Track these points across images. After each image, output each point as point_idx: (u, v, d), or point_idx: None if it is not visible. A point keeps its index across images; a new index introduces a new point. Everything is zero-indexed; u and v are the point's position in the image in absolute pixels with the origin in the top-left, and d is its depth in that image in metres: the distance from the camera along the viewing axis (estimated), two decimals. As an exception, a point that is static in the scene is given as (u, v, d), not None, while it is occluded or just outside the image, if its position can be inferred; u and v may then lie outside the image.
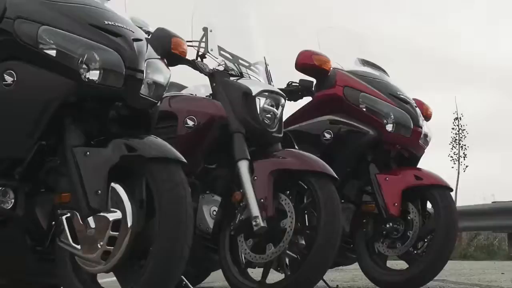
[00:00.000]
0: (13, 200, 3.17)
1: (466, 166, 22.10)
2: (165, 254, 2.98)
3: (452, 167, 21.98)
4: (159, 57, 3.40)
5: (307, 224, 4.23)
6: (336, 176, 4.20)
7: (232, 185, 4.29)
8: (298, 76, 5.41)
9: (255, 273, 4.41)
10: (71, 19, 3.18)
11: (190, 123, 4.29)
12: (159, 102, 3.36)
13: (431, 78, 34.08)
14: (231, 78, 4.46)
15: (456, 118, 22.37)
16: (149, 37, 4.08)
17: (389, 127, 5.21)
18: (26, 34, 3.14)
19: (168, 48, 4.09)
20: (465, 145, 22.38)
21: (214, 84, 4.43)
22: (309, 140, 5.17)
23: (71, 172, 3.09)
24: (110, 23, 3.23)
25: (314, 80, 5.40)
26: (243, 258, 4.27)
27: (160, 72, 3.33)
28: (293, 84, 5.40)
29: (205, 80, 4.56)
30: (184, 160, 3.12)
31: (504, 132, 31.55)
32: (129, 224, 3.03)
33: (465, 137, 22.43)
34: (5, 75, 3.15)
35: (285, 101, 4.50)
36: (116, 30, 3.22)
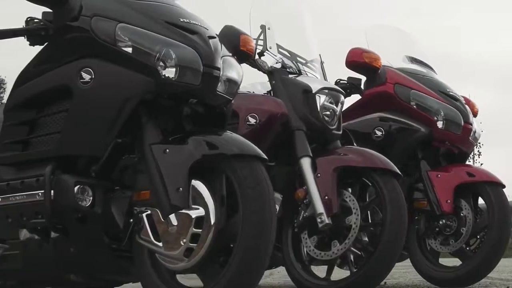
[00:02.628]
0: (91, 198, 3.16)
1: (481, 164, 22.07)
2: (249, 251, 2.95)
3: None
4: (231, 54, 3.41)
5: (369, 221, 4.23)
6: (400, 173, 4.20)
7: (294, 182, 4.29)
8: (346, 74, 5.42)
9: (315, 270, 4.42)
10: (147, 17, 3.18)
11: (252, 120, 4.30)
12: (233, 99, 3.36)
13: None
14: (290, 76, 4.46)
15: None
16: (217, 34, 4.09)
17: (440, 124, 5.23)
18: (103, 31, 3.14)
19: (236, 45, 4.10)
20: (479, 143, 22.36)
21: (274, 82, 4.43)
22: (360, 138, 5.17)
23: (150, 170, 3.08)
24: (185, 20, 3.23)
25: (362, 78, 5.41)
26: (306, 255, 4.27)
27: (234, 69, 3.33)
28: (341, 82, 5.40)
29: (259, 77, 4.57)
30: (265, 157, 3.11)
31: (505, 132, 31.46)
32: (212, 221, 3.01)
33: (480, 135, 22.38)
34: (82, 72, 3.14)
35: (344, 98, 4.50)
36: (192, 27, 3.22)
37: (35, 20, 3.36)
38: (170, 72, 3.10)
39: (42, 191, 3.15)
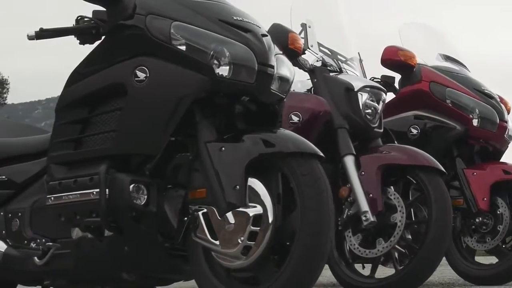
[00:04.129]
0: (146, 197, 3.15)
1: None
2: (308, 250, 2.93)
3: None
4: (281, 52, 3.40)
5: (413, 219, 4.23)
6: (444, 171, 4.20)
7: (337, 180, 4.29)
8: (379, 72, 5.42)
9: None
10: (201, 15, 3.17)
11: (295, 118, 4.30)
12: (286, 97, 3.36)
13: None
14: (331, 74, 4.46)
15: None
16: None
17: (475, 122, 5.24)
18: (158, 29, 3.13)
19: (285, 43, 4.10)
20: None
21: (315, 80, 4.43)
22: (396, 136, 5.16)
23: (206, 168, 3.07)
24: (238, 18, 3.22)
25: (396, 76, 5.41)
26: (350, 253, 4.27)
27: (286, 67, 3.33)
28: (375, 80, 5.40)
29: (298, 76, 4.56)
30: (322, 154, 3.11)
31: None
32: (270, 219, 3.00)
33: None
34: (137, 71, 3.13)
35: (385, 96, 4.51)
36: (245, 25, 3.21)
37: (85, 19, 3.37)
38: (225, 70, 3.09)
39: (97, 189, 3.14)
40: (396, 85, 5.44)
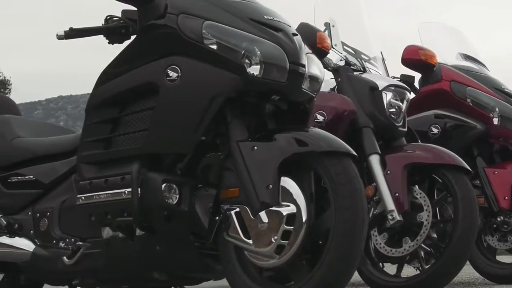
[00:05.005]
0: (178, 196, 3.15)
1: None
2: (342, 249, 2.93)
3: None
4: (311, 51, 3.40)
5: (438, 218, 4.23)
6: (470, 169, 4.21)
7: (362, 179, 4.28)
8: (398, 71, 5.42)
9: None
10: (232, 14, 3.17)
11: (320, 118, 4.30)
12: (316, 96, 3.36)
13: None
14: (354, 73, 4.47)
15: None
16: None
17: (496, 121, 5.25)
18: (190, 29, 3.13)
19: (313, 43, 4.10)
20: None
21: (339, 79, 4.44)
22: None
23: (238, 167, 3.06)
24: (269, 17, 3.22)
25: (415, 75, 5.42)
26: (376, 252, 4.26)
27: (317, 66, 3.33)
28: (394, 79, 5.40)
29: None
30: (355, 153, 3.11)
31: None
32: (304, 218, 3.00)
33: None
34: (169, 70, 3.13)
35: (409, 95, 4.51)
36: (276, 24, 3.21)
37: (115, 19, 3.37)
38: (256, 70, 3.09)
39: (129, 189, 3.14)
40: (416, 84, 5.44)
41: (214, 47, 3.11)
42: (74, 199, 3.41)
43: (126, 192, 3.16)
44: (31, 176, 3.75)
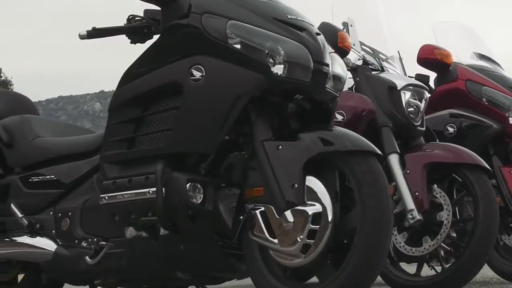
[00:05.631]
0: (202, 195, 3.15)
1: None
2: (368, 248, 2.93)
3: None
4: (333, 50, 3.40)
5: (458, 217, 4.23)
6: (490, 168, 4.20)
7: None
8: (413, 71, 5.42)
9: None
10: (255, 14, 3.17)
11: (339, 117, 4.30)
12: (339, 95, 3.36)
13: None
14: (373, 72, 4.47)
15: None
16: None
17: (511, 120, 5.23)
18: (214, 28, 3.13)
19: (335, 42, 4.10)
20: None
21: (358, 78, 4.44)
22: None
23: (263, 166, 3.06)
24: (292, 17, 3.22)
25: (430, 75, 5.42)
26: (395, 251, 4.26)
27: (340, 65, 3.33)
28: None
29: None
30: (380, 152, 3.11)
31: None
32: (330, 217, 3.00)
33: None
34: (193, 70, 3.13)
35: (428, 94, 4.51)
36: (300, 24, 3.21)
37: (137, 18, 3.37)
38: (280, 69, 3.08)
39: (153, 188, 3.14)
40: (431, 83, 5.43)
41: (238, 46, 3.10)
42: (96, 198, 3.41)
43: (150, 191, 3.16)
44: (52, 176, 3.75)
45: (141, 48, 3.42)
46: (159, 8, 3.32)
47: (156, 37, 3.37)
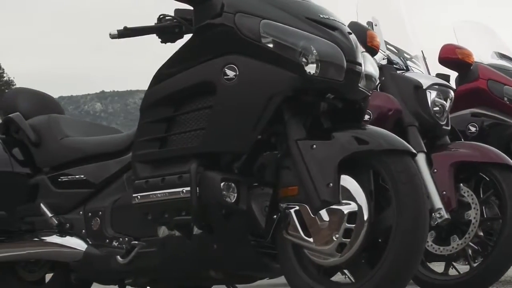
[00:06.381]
0: (236, 195, 3.15)
1: None
2: (405, 247, 2.92)
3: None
4: (365, 50, 3.41)
5: (485, 216, 4.23)
6: None
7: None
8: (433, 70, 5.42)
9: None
10: (288, 13, 3.17)
11: (366, 116, 4.29)
12: (371, 94, 3.36)
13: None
14: (398, 72, 4.48)
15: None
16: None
17: None
18: (247, 27, 3.13)
19: (364, 41, 4.11)
20: None
21: (383, 78, 4.44)
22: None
23: (298, 166, 3.06)
24: (325, 16, 3.22)
25: (451, 74, 5.42)
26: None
27: (371, 64, 3.33)
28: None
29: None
30: (414, 151, 3.11)
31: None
32: (366, 216, 2.99)
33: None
34: (226, 69, 3.13)
35: (453, 94, 4.52)
36: (332, 23, 3.22)
37: (168, 18, 3.38)
38: (313, 68, 3.08)
39: (187, 188, 3.14)
40: (451, 83, 5.44)
41: (271, 45, 3.11)
42: (127, 198, 3.42)
43: (184, 191, 3.16)
44: (82, 176, 3.75)
45: (139, 48, 3.50)
46: (190, 8, 3.32)
47: (186, 37, 3.37)
